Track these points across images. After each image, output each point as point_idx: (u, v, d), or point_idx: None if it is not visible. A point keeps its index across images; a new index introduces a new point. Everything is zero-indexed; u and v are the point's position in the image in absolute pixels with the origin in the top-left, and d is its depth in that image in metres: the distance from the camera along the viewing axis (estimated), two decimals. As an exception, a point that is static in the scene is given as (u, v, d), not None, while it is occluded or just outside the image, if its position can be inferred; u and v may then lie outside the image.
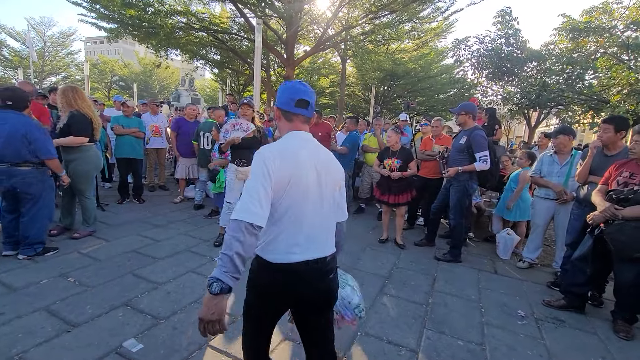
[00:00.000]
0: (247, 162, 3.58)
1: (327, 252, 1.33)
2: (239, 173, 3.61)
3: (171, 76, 35.34)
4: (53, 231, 3.59)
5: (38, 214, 3.02)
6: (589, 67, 8.91)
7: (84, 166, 3.56)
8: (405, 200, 4.05)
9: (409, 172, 3.99)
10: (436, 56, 19.39)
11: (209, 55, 15.48)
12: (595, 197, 2.63)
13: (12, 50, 25.21)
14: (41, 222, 3.06)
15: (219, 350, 2.01)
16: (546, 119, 18.08)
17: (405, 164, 3.99)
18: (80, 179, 3.53)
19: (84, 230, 3.66)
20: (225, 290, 1.11)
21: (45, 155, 2.95)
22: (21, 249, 3.01)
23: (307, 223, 1.26)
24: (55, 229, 3.63)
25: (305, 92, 1.32)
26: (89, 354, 1.89)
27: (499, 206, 4.36)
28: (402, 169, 3.97)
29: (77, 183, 3.51)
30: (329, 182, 1.34)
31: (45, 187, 3.06)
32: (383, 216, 4.35)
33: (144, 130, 5.38)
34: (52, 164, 3.04)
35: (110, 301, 2.45)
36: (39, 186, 2.98)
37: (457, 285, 3.17)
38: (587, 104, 9.09)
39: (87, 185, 3.65)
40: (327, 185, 1.33)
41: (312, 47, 13.18)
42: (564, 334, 2.51)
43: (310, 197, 1.26)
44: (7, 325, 2.10)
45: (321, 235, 1.32)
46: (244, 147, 3.57)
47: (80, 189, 3.58)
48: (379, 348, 2.15)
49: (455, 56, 12.01)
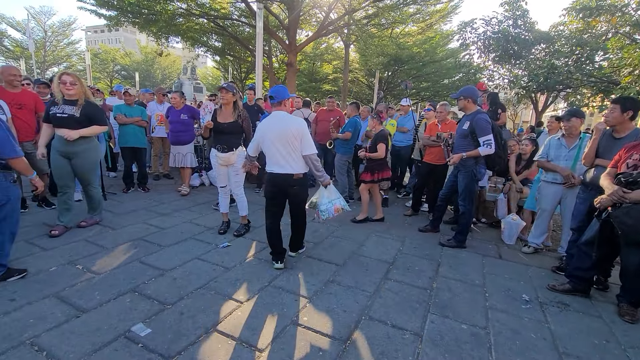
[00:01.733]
0: (228, 147, 3.52)
1: (286, 171, 2.81)
2: (219, 159, 3.58)
3: (173, 64, 35.08)
4: (54, 232, 3.31)
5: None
6: (600, 48, 8.63)
7: (93, 157, 3.54)
8: (386, 175, 4.35)
9: (375, 154, 4.22)
10: (441, 40, 18.95)
11: (210, 42, 15.28)
12: (603, 180, 2.59)
13: (14, 40, 25.11)
14: (2, 241, 2.46)
15: (226, 335, 2.04)
16: (554, 102, 17.72)
17: (374, 146, 4.24)
18: (89, 169, 3.51)
19: (91, 219, 3.68)
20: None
21: (8, 153, 2.36)
22: None
23: (271, 156, 2.83)
24: (57, 229, 3.34)
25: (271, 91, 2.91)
26: (98, 338, 1.93)
27: (529, 200, 4.10)
28: (372, 149, 4.27)
29: (86, 173, 3.48)
30: (283, 137, 2.76)
31: (9, 194, 2.43)
32: (362, 195, 4.50)
33: (146, 118, 5.36)
34: (17, 165, 2.45)
35: (118, 287, 2.49)
36: (1, 194, 2.37)
37: (462, 271, 3.17)
38: (596, 86, 8.85)
39: (95, 175, 3.66)
40: (281, 139, 2.76)
41: (314, 32, 12.92)
42: (569, 317, 2.51)
43: (268, 146, 2.84)
44: (18, 310, 2.14)
45: (280, 161, 2.80)
46: (225, 132, 3.53)
47: (89, 180, 3.56)
48: (383, 332, 2.17)
49: (461, 39, 11.67)
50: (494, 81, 12.38)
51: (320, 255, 3.32)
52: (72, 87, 3.20)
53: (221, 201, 3.81)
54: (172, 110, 5.24)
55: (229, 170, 3.65)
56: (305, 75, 22.30)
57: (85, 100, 3.33)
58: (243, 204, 3.74)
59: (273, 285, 2.68)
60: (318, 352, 1.95)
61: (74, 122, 3.26)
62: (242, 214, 3.77)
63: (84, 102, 3.30)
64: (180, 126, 5.14)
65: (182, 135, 5.16)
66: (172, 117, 5.19)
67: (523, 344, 2.15)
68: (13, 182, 2.49)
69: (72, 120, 3.25)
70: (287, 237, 3.18)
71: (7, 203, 2.43)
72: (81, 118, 3.28)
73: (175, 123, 5.15)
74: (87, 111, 3.31)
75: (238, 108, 3.60)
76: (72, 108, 3.25)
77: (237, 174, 3.63)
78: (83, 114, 3.28)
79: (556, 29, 11.04)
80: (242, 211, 3.76)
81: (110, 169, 6.22)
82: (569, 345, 2.17)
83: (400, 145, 5.81)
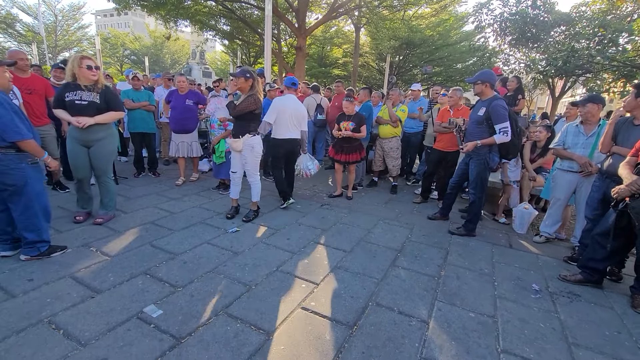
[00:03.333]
0: (235, 134, 3.54)
1: (296, 136, 4.10)
2: (230, 145, 3.68)
3: (182, 49, 34.89)
4: (79, 217, 3.37)
5: (29, 209, 2.53)
6: (624, 29, 8.21)
7: (110, 145, 3.37)
8: (354, 159, 4.67)
9: (359, 134, 4.52)
10: (455, 22, 18.29)
11: (219, 25, 15.11)
12: (622, 169, 2.49)
13: (26, 25, 25.24)
14: (36, 218, 2.57)
15: (235, 317, 2.08)
16: (572, 88, 17.09)
17: (358, 127, 4.50)
18: (106, 159, 3.34)
19: (106, 215, 3.46)
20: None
21: (12, 136, 2.35)
22: (22, 249, 2.62)
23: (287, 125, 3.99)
24: (81, 215, 3.39)
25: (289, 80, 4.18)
26: (112, 318, 1.99)
27: (545, 188, 3.96)
28: (355, 130, 4.48)
29: (101, 163, 3.30)
30: (297, 114, 4.04)
31: (27, 175, 2.48)
32: (336, 174, 4.84)
33: (154, 103, 5.28)
34: (27, 147, 2.44)
35: (130, 270, 2.55)
36: (17, 175, 2.43)
37: (471, 259, 3.15)
38: (619, 70, 8.47)
39: (110, 166, 3.48)
40: (297, 115, 4.03)
41: (324, 14, 12.62)
42: (579, 308, 2.48)
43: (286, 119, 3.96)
44: (36, 290, 2.22)
45: (292, 129, 4.03)
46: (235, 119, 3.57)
47: (105, 169, 3.36)
48: (389, 318, 2.18)
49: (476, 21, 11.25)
50: (510, 66, 11.98)
51: (328, 241, 3.33)
52: (97, 73, 3.06)
53: (232, 187, 3.82)
54: (175, 94, 4.81)
55: (241, 157, 3.65)
56: (314, 60, 21.95)
57: (105, 85, 3.20)
58: (257, 189, 3.76)
59: (281, 270, 2.70)
60: (325, 336, 1.98)
61: (95, 110, 3.10)
62: (254, 199, 3.79)
63: (105, 88, 3.17)
64: (184, 112, 4.75)
65: (188, 123, 4.80)
66: (176, 102, 4.74)
67: (531, 334, 2.13)
68: (32, 164, 2.51)
69: (93, 107, 3.09)
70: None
71: (26, 185, 2.47)
72: (102, 105, 3.12)
73: (179, 109, 4.73)
74: (107, 97, 3.16)
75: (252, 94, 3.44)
76: (91, 94, 3.08)
77: (246, 163, 3.64)
78: (103, 101, 3.13)
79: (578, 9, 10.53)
80: (255, 197, 3.78)
81: (121, 154, 6.30)
82: (578, 336, 2.15)
83: (410, 131, 5.70)
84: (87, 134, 3.14)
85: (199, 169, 5.51)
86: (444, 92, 5.31)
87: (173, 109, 4.80)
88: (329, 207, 4.37)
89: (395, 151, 5.08)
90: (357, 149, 4.66)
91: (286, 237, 3.37)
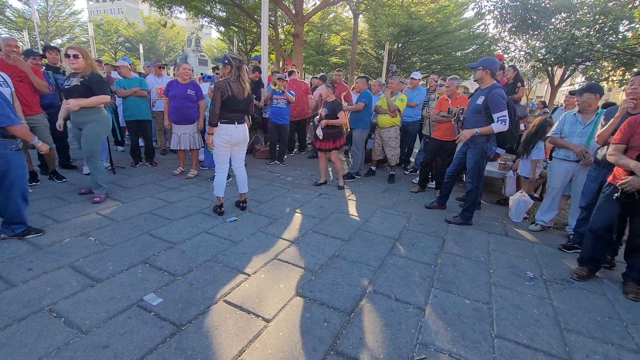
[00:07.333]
0: None
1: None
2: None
3: (177, 36, 34.27)
4: (83, 190, 3.85)
5: (10, 191, 2.63)
6: (625, 16, 8.11)
7: (97, 129, 3.61)
8: (327, 146, 4.60)
9: (337, 121, 4.46)
10: (455, 9, 18.04)
11: (214, 11, 14.80)
12: (623, 159, 2.43)
13: (15, 10, 24.63)
14: (15, 201, 2.67)
15: (233, 305, 2.11)
16: (571, 77, 17.00)
17: (333, 113, 4.45)
18: (92, 141, 3.58)
19: (101, 193, 3.72)
20: None
21: (3, 121, 2.48)
22: (1, 228, 2.75)
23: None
24: (85, 189, 3.87)
25: None
26: (112, 307, 2.02)
27: None
28: (329, 117, 4.44)
29: (88, 145, 3.56)
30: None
31: (10, 161, 2.58)
32: (320, 162, 4.89)
33: (147, 87, 5.10)
34: (17, 131, 2.57)
35: (130, 259, 2.57)
36: (1, 160, 2.54)
37: (467, 247, 3.19)
38: (618, 59, 8.41)
39: (98, 148, 3.67)
40: None
41: (322, 0, 12.38)
42: (572, 294, 2.53)
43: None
44: (36, 279, 2.24)
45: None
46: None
47: (92, 151, 3.60)
48: (386, 305, 2.22)
49: (476, 8, 11.08)
50: (510, 53, 11.86)
51: (326, 230, 3.35)
52: (75, 61, 3.36)
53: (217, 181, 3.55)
54: (175, 83, 4.55)
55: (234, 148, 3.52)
56: (312, 47, 21.63)
57: (91, 72, 3.44)
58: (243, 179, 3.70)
59: (279, 259, 2.73)
60: (323, 322, 2.01)
61: (77, 92, 3.39)
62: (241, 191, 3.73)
63: (91, 74, 3.41)
64: (186, 102, 4.49)
65: (189, 112, 4.55)
66: (176, 91, 4.47)
67: (525, 319, 2.18)
68: (15, 150, 2.63)
69: (76, 89, 3.38)
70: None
71: (9, 170, 2.59)
72: (83, 88, 3.38)
73: (181, 99, 4.47)
74: (91, 81, 3.40)
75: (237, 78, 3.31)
76: (76, 80, 3.40)
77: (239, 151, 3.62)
78: (86, 85, 3.38)
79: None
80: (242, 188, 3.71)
81: (118, 143, 6.25)
82: (570, 321, 2.20)
83: (408, 120, 5.68)
84: (76, 117, 3.52)
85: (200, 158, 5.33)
86: (441, 82, 5.28)
87: (173, 98, 4.50)
88: (327, 196, 4.38)
89: (393, 140, 5.07)
90: (331, 136, 4.54)
91: (284, 226, 3.39)
